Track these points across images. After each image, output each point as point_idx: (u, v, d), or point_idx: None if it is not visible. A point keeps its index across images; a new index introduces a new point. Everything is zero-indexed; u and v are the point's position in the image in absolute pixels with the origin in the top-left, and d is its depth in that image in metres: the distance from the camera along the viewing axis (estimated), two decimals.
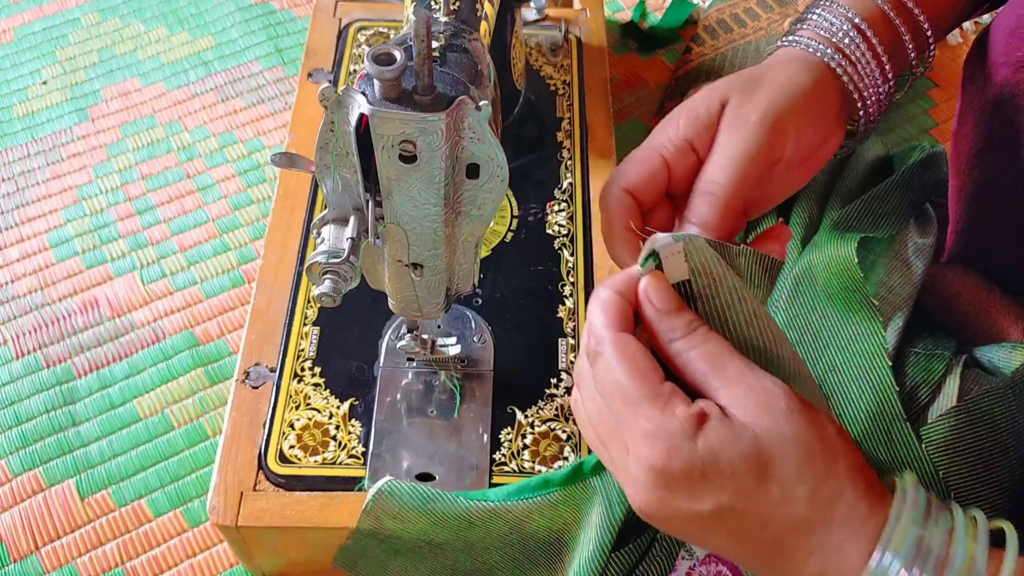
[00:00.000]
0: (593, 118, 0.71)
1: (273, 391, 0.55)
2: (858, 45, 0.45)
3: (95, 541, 0.59)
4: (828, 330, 0.55)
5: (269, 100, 0.84)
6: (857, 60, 0.45)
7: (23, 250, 0.73)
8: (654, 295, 0.37)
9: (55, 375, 0.66)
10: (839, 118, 0.46)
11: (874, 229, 0.60)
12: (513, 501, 0.49)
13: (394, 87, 0.37)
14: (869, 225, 0.61)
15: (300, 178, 0.66)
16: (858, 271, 0.54)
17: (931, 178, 0.65)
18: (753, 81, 0.44)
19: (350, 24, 0.76)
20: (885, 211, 0.62)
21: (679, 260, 0.37)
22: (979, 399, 0.50)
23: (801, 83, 0.44)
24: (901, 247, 0.61)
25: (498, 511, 0.49)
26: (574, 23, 0.78)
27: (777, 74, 0.44)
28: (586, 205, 0.65)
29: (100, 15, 0.90)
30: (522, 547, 0.51)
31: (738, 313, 0.38)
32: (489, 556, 0.51)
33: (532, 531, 0.50)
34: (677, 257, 0.37)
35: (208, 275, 0.72)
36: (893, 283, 0.59)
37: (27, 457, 0.62)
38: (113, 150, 0.80)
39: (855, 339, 0.53)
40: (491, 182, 0.41)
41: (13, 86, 0.84)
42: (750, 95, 0.43)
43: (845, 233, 0.59)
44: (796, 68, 0.44)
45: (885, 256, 0.60)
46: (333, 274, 0.43)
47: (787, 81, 0.44)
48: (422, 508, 0.49)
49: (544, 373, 0.57)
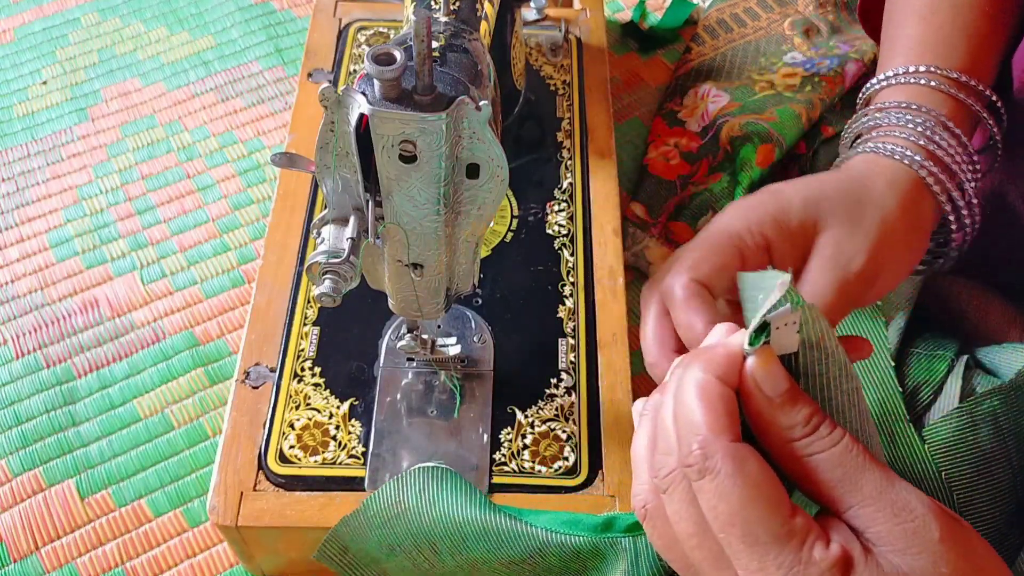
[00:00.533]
0: (593, 118, 0.71)
1: (273, 391, 0.55)
2: (948, 143, 0.42)
3: (95, 541, 0.59)
4: None
5: (269, 100, 0.83)
6: (950, 161, 0.42)
7: (23, 250, 0.73)
8: (766, 380, 0.30)
9: (55, 375, 0.66)
10: (928, 235, 0.43)
11: None
12: (538, 528, 0.45)
13: (394, 87, 0.37)
14: None
15: (300, 178, 0.65)
16: None
17: None
18: (853, 206, 0.40)
19: (350, 24, 0.76)
20: None
21: (791, 331, 0.30)
22: (982, 400, 0.50)
23: (899, 207, 0.40)
24: None
25: (518, 531, 0.45)
26: (574, 23, 0.78)
27: (872, 198, 0.40)
28: (586, 205, 0.65)
29: (100, 15, 0.90)
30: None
31: (844, 393, 0.32)
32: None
33: (544, 565, 0.46)
34: (790, 328, 0.30)
35: (208, 275, 0.72)
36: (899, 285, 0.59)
37: (27, 457, 0.62)
38: (113, 150, 0.80)
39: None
40: (491, 182, 0.41)
41: (13, 86, 0.84)
42: (852, 229, 0.39)
43: None
44: (885, 186, 0.41)
45: None
46: (333, 274, 0.43)
47: (885, 210, 0.40)
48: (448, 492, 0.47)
49: (544, 373, 0.57)
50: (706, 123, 0.76)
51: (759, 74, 0.80)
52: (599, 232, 0.64)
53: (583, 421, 0.55)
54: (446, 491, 0.48)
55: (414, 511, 0.48)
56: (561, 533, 0.44)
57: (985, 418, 0.50)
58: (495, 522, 0.46)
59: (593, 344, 0.58)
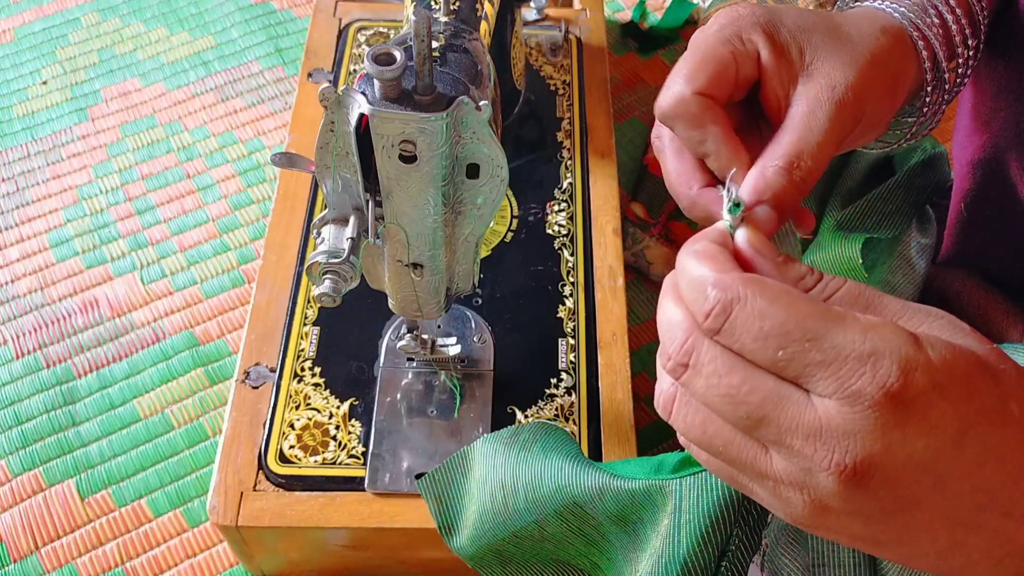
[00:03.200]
0: (593, 118, 0.71)
1: (273, 391, 0.55)
2: (937, 18, 0.42)
3: (95, 541, 0.59)
4: None
5: (269, 100, 0.84)
6: (936, 34, 0.42)
7: (23, 250, 0.73)
8: (763, 245, 0.31)
9: (55, 375, 0.66)
10: (907, 91, 0.43)
11: (877, 229, 0.60)
12: (603, 470, 0.43)
13: (394, 87, 0.37)
14: (873, 225, 0.61)
15: (300, 178, 0.66)
16: (862, 271, 0.55)
17: (932, 179, 0.65)
18: (835, 36, 0.40)
19: (350, 24, 0.76)
20: (888, 211, 0.62)
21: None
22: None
23: (884, 48, 0.40)
24: (904, 247, 0.61)
25: (585, 472, 0.43)
26: (574, 23, 0.78)
27: (861, 35, 0.40)
28: (586, 205, 0.65)
29: (100, 15, 0.90)
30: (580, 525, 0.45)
31: None
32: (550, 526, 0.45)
33: (603, 509, 0.43)
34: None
35: (208, 275, 0.72)
36: (896, 282, 0.59)
37: (27, 457, 0.62)
38: (113, 150, 0.80)
39: None
40: (491, 182, 0.41)
41: (13, 86, 0.84)
42: (835, 56, 0.39)
43: (849, 234, 0.59)
44: (877, 30, 0.41)
45: (888, 255, 0.60)
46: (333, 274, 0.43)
47: (873, 46, 0.40)
48: (542, 435, 0.45)
49: (544, 373, 0.57)
50: None
51: None
52: (599, 232, 0.64)
53: (583, 421, 0.55)
54: (540, 436, 0.46)
55: (504, 454, 0.46)
56: (620, 477, 0.43)
57: None
58: (570, 464, 0.44)
59: (593, 344, 0.58)
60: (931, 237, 0.62)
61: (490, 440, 0.46)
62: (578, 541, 0.45)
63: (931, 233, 0.62)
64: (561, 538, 0.45)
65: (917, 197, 0.63)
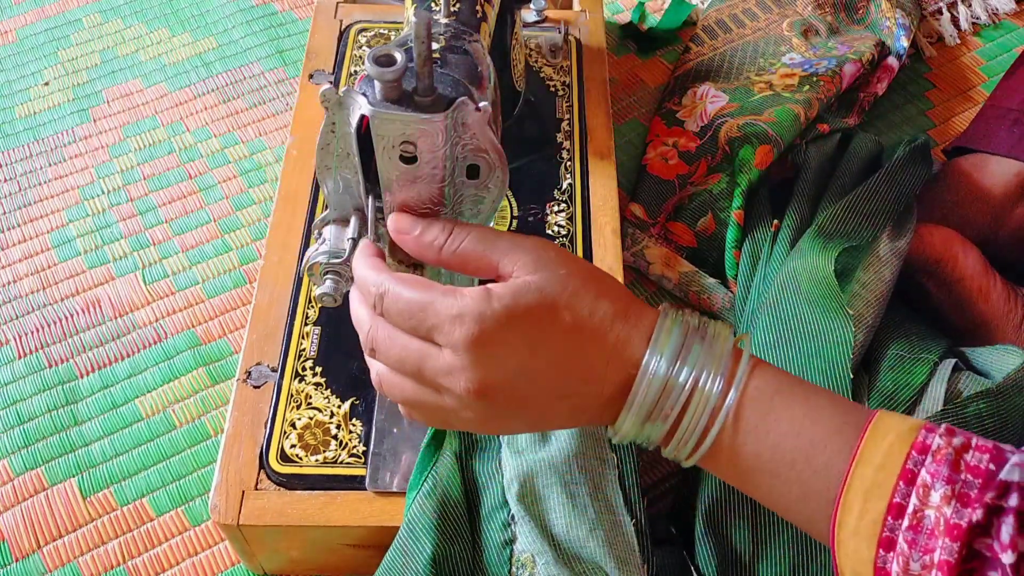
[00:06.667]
0: (592, 119, 0.71)
1: (274, 390, 0.56)
2: None
3: (97, 540, 0.59)
4: (804, 333, 0.57)
5: (270, 101, 0.84)
6: None
7: (25, 250, 0.74)
8: (401, 221, 0.41)
9: (57, 375, 0.66)
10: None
11: (857, 232, 0.62)
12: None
13: (395, 88, 0.37)
14: (854, 226, 0.62)
15: (302, 179, 0.66)
16: (835, 283, 0.58)
17: (915, 172, 0.66)
18: None
19: (351, 26, 0.77)
20: (869, 211, 0.63)
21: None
22: (967, 403, 0.51)
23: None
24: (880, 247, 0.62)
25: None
26: (574, 24, 0.78)
27: None
28: (586, 205, 0.65)
29: (102, 16, 0.91)
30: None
31: None
32: None
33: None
34: None
35: (210, 275, 0.72)
36: (867, 279, 0.60)
37: (29, 456, 0.63)
38: (115, 151, 0.80)
39: (827, 341, 0.55)
40: (491, 182, 0.41)
41: (15, 87, 0.85)
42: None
43: (828, 243, 0.60)
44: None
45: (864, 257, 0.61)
46: (334, 274, 0.43)
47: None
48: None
49: None
50: (704, 123, 0.76)
51: (757, 75, 0.81)
52: (599, 232, 0.64)
53: None
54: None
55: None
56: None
57: (970, 421, 0.50)
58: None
59: None
60: (905, 237, 0.63)
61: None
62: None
63: (908, 231, 0.64)
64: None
65: (900, 191, 0.64)
